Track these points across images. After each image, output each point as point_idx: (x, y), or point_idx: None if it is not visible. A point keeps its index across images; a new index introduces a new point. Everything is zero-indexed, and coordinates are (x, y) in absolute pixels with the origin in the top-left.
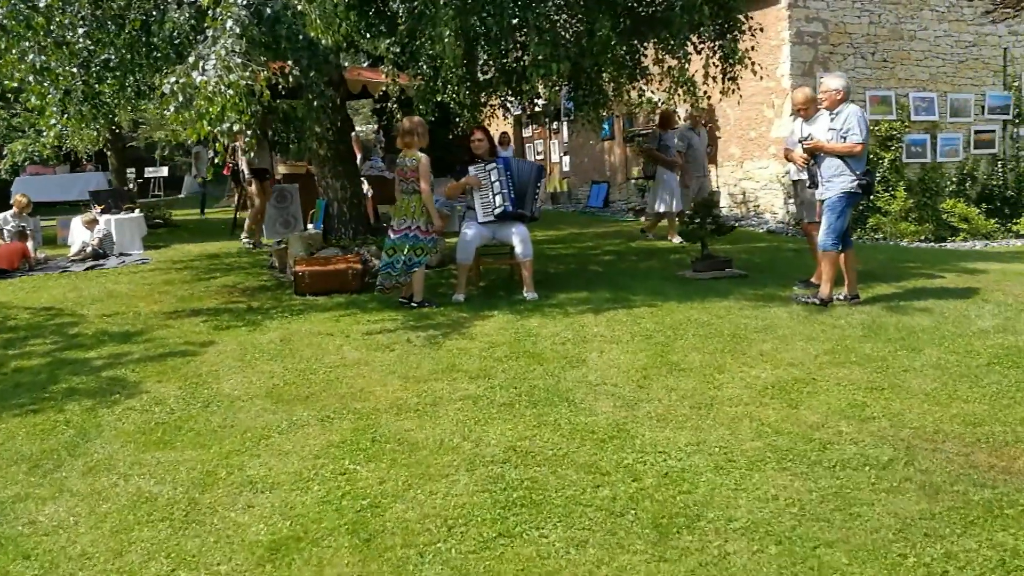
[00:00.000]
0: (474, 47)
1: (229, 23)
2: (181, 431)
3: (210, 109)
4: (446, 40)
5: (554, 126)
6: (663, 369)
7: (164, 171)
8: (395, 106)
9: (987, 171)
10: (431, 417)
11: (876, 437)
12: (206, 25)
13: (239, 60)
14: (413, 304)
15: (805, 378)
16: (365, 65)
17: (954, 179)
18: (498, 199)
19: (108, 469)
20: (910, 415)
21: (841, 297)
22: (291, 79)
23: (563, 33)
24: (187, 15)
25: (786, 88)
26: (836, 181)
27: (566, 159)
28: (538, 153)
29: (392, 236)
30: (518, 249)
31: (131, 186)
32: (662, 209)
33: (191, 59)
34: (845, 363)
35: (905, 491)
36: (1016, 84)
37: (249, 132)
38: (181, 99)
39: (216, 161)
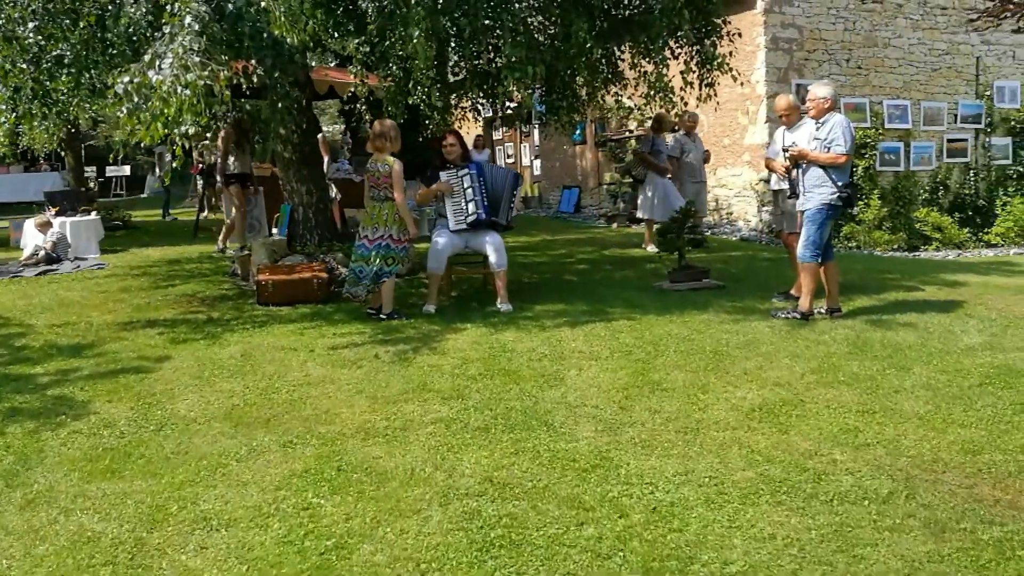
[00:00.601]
0: (445, 48)
1: (188, 19)
2: (131, 458)
3: (165, 110)
4: (415, 40)
5: (525, 129)
6: (645, 388)
7: (126, 170)
8: (364, 107)
9: (959, 180)
10: (401, 443)
11: (873, 467)
12: (164, 21)
13: (197, 59)
14: (382, 316)
15: (793, 400)
16: (332, 65)
17: (927, 188)
18: (471, 206)
19: (48, 502)
20: (906, 442)
21: (822, 311)
22: (255, 79)
23: (538, 36)
24: (144, 10)
25: (761, 95)
26: (817, 192)
27: (537, 163)
28: (509, 156)
29: (366, 246)
30: (492, 259)
31: (92, 185)
32: (643, 215)
33: (146, 57)
34: (833, 383)
35: (909, 529)
36: (988, 93)
37: (209, 134)
38: (136, 100)
39: (175, 164)
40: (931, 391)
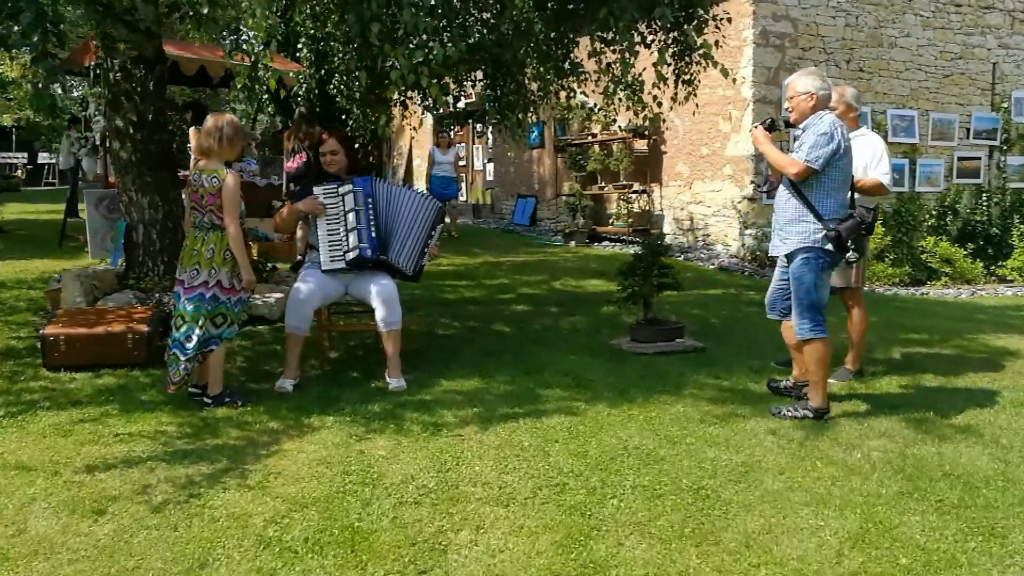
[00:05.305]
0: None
1: None
2: None
3: None
4: None
5: (478, 129)
6: None
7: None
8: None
9: (970, 204)
10: None
11: None
12: None
13: None
14: (207, 399)
15: None
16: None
17: (933, 212)
18: (352, 238)
19: None
20: None
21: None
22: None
23: (475, 12)
24: None
25: (746, 98)
26: (794, 231)
27: (490, 167)
28: (460, 159)
29: (181, 296)
30: (378, 314)
31: (18, 173)
32: None
33: None
34: (895, 574)
35: None
36: (1005, 105)
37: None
38: None
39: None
40: None
